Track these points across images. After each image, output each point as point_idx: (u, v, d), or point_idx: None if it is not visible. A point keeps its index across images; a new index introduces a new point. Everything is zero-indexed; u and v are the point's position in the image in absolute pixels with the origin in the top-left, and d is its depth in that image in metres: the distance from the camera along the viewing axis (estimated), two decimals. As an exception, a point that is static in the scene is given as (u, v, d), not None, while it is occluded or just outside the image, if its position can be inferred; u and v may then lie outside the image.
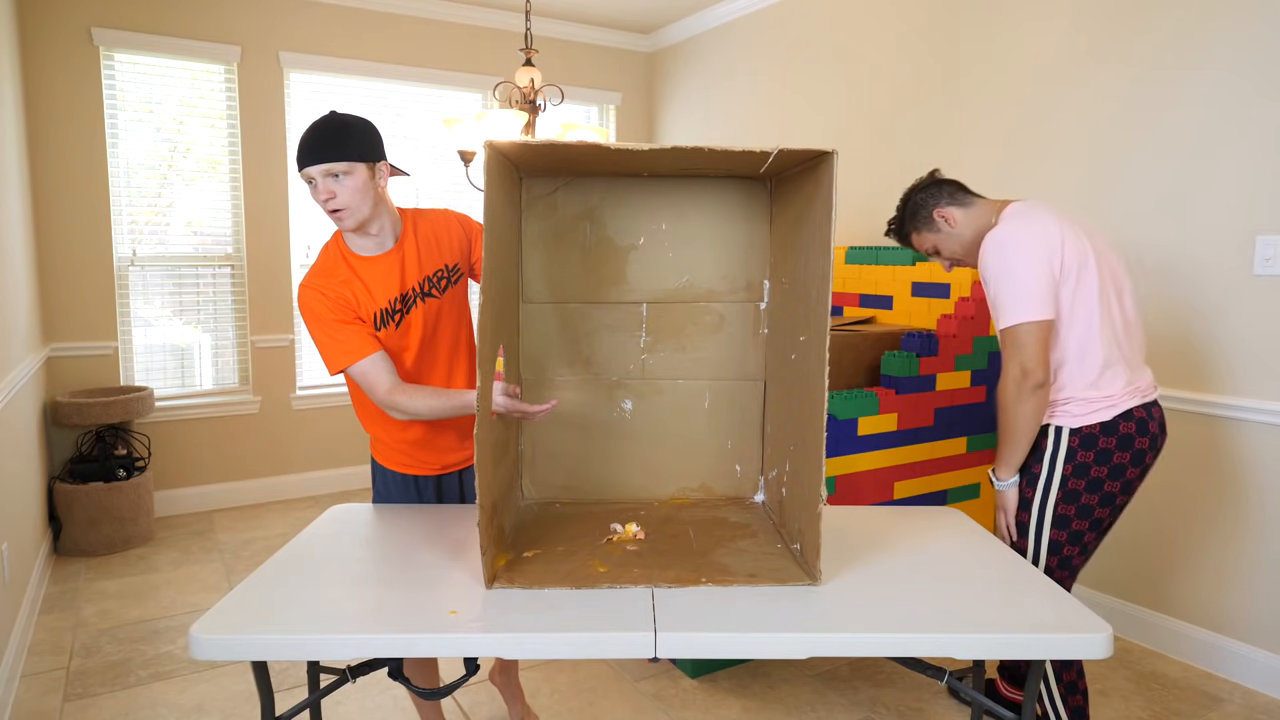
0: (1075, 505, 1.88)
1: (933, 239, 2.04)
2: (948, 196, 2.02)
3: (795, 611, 1.35)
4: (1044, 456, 1.90)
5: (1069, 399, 1.87)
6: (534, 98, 3.49)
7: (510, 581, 1.44)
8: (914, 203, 2.05)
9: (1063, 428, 1.88)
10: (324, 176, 1.66)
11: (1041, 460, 1.90)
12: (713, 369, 1.93)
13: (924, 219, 2.03)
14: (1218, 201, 2.54)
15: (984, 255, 1.87)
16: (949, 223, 1.99)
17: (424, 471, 1.95)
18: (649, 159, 1.60)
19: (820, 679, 2.53)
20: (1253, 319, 2.48)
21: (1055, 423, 1.89)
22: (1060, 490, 1.88)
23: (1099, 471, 1.86)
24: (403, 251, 1.80)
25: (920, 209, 2.03)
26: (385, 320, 1.77)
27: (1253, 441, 2.49)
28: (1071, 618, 1.33)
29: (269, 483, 4.38)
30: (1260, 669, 2.49)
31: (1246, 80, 2.46)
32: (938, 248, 2.05)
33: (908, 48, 3.57)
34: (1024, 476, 1.94)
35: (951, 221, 1.99)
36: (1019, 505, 1.96)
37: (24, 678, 2.54)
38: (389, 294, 1.78)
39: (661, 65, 5.26)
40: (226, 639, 1.27)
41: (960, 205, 2.00)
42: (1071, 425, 1.86)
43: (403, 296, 1.79)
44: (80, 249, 3.84)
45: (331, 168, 1.65)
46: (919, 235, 2.06)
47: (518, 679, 2.26)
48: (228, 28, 4.07)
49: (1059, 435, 1.88)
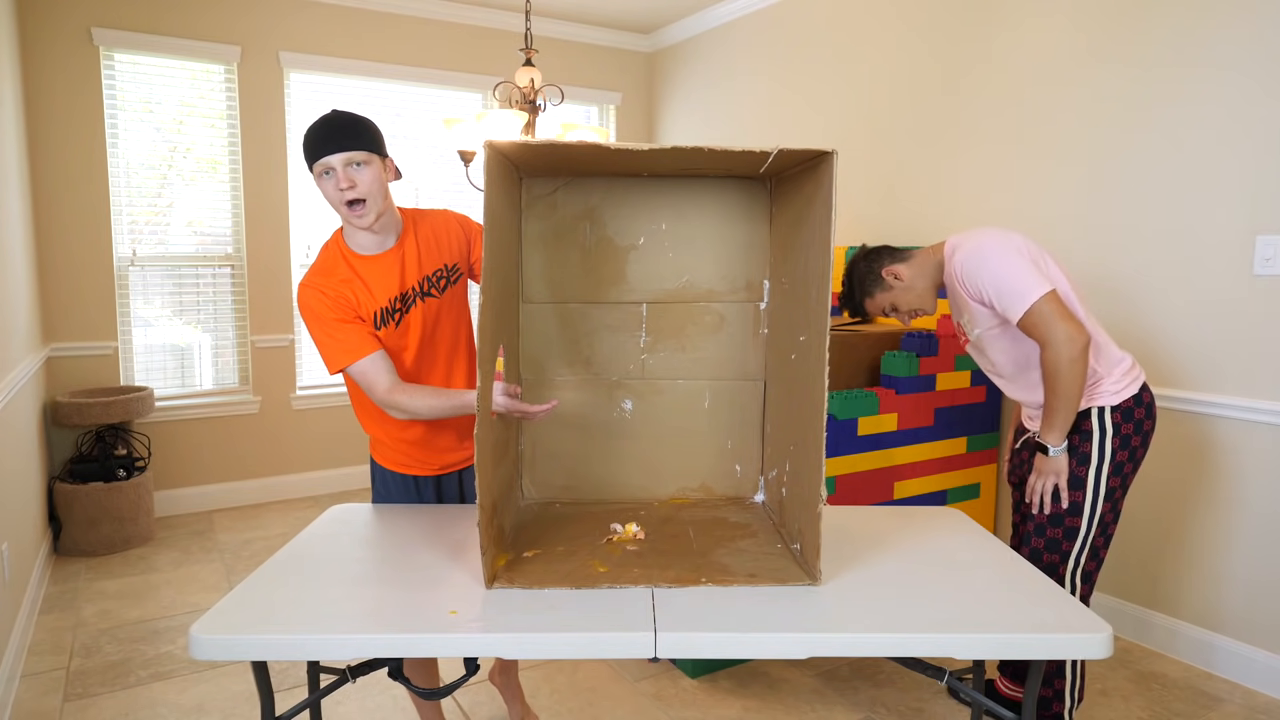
0: (1120, 476, 2.02)
1: (887, 298, 2.15)
2: (889, 256, 2.16)
3: (795, 611, 1.35)
4: (1091, 437, 1.99)
5: (1101, 377, 2.00)
6: (534, 98, 3.49)
7: (510, 581, 1.44)
8: (859, 272, 2.17)
9: (1105, 408, 1.99)
10: (344, 166, 1.65)
11: (1089, 441, 2.00)
12: (713, 369, 1.93)
13: (874, 281, 2.15)
14: (1218, 201, 2.54)
15: (967, 270, 1.98)
16: (898, 278, 2.12)
17: (423, 472, 1.95)
18: (649, 159, 1.60)
19: (820, 679, 2.53)
20: (1253, 319, 2.48)
21: (1096, 404, 1.99)
22: (1111, 464, 2.00)
23: (1135, 440, 2.01)
24: (403, 251, 1.80)
25: (868, 275, 2.16)
26: (385, 319, 1.77)
27: (1253, 442, 2.49)
28: (1071, 618, 1.33)
29: (269, 483, 4.38)
30: (1260, 669, 2.49)
31: (1247, 80, 2.46)
32: (894, 304, 2.16)
33: (908, 48, 3.57)
34: (1074, 457, 2.02)
35: (901, 276, 2.12)
36: (1071, 484, 2.02)
37: (24, 678, 2.54)
38: (389, 293, 1.78)
39: (661, 65, 5.26)
40: (226, 639, 1.27)
41: (901, 261, 2.14)
42: (1112, 404, 1.99)
43: (402, 296, 1.79)
44: (80, 249, 3.84)
45: (352, 156, 1.64)
46: (872, 299, 2.17)
47: (517, 679, 2.26)
48: (228, 28, 4.07)
49: (1102, 415, 1.99)
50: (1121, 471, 2.01)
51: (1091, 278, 2.87)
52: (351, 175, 1.65)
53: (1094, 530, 2.02)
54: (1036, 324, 1.89)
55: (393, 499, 1.96)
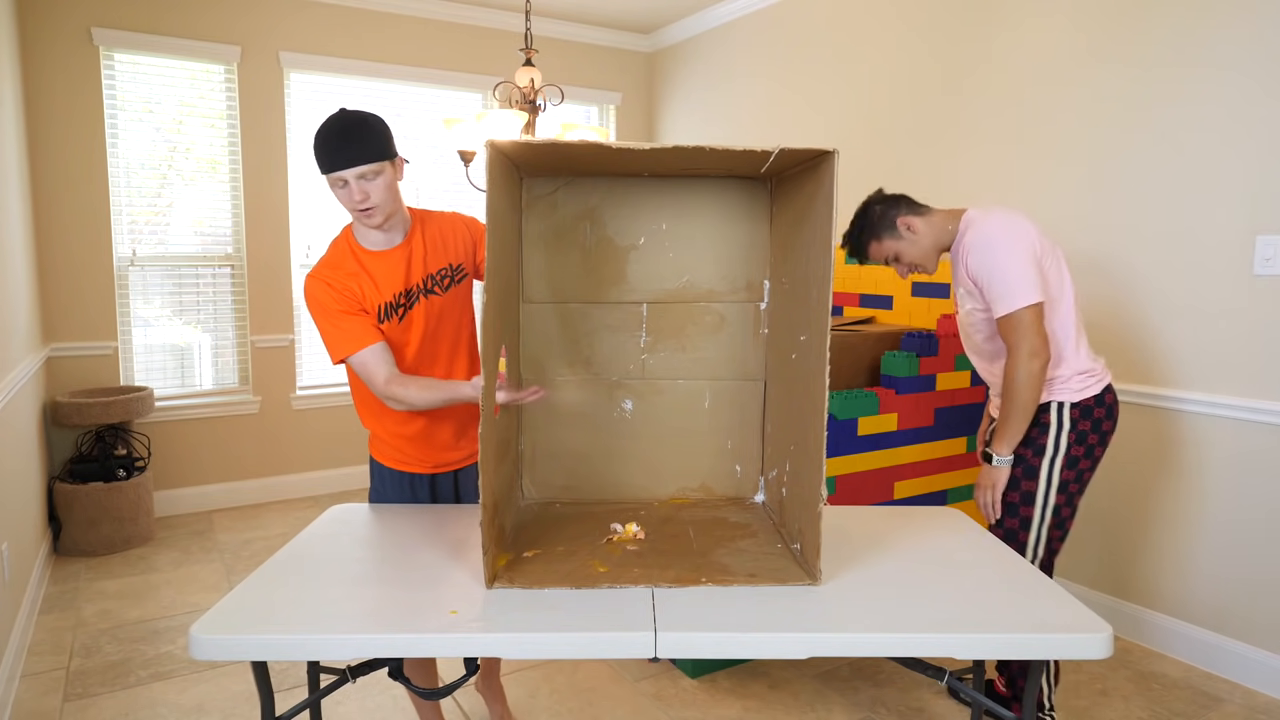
0: (1075, 470, 2.06)
1: (894, 246, 2.15)
2: (906, 206, 2.16)
3: (795, 611, 1.35)
4: (1049, 430, 2.04)
5: (1069, 375, 2.03)
6: (534, 98, 3.49)
7: (510, 581, 1.44)
8: (874, 214, 2.17)
9: (1064, 403, 2.03)
10: (357, 179, 1.68)
11: (1046, 433, 2.04)
12: (713, 369, 1.93)
13: (886, 227, 2.14)
14: (1218, 201, 2.54)
15: (973, 253, 2.00)
16: (912, 230, 2.12)
17: (419, 469, 1.96)
18: (650, 158, 1.60)
19: (820, 679, 2.53)
20: (1253, 319, 2.48)
21: (1056, 399, 2.04)
22: (1065, 457, 2.04)
23: (1093, 439, 2.05)
24: (410, 248, 1.83)
25: (882, 219, 2.15)
26: (389, 314, 1.81)
27: (1253, 442, 2.49)
28: (1071, 618, 1.33)
29: (269, 483, 4.38)
30: (1260, 669, 2.49)
31: (1247, 79, 2.45)
32: (899, 255, 2.15)
33: (908, 48, 3.57)
34: (1030, 448, 2.06)
35: (914, 229, 2.12)
36: (1025, 474, 2.07)
37: (24, 678, 2.54)
38: (394, 288, 1.81)
39: (661, 65, 5.26)
40: (226, 639, 1.27)
41: (919, 215, 2.14)
42: (1072, 400, 2.03)
43: (406, 292, 1.82)
44: (80, 249, 3.84)
45: (365, 170, 1.68)
46: (879, 243, 2.16)
47: (499, 681, 2.27)
48: (228, 28, 4.07)
49: (1061, 410, 2.03)
50: (1076, 466, 2.05)
51: (1091, 278, 2.87)
52: (365, 188, 1.69)
53: (1048, 520, 2.07)
54: (1012, 329, 1.96)
55: (388, 495, 1.97)
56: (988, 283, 1.97)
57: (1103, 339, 2.84)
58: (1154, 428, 2.72)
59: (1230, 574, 2.56)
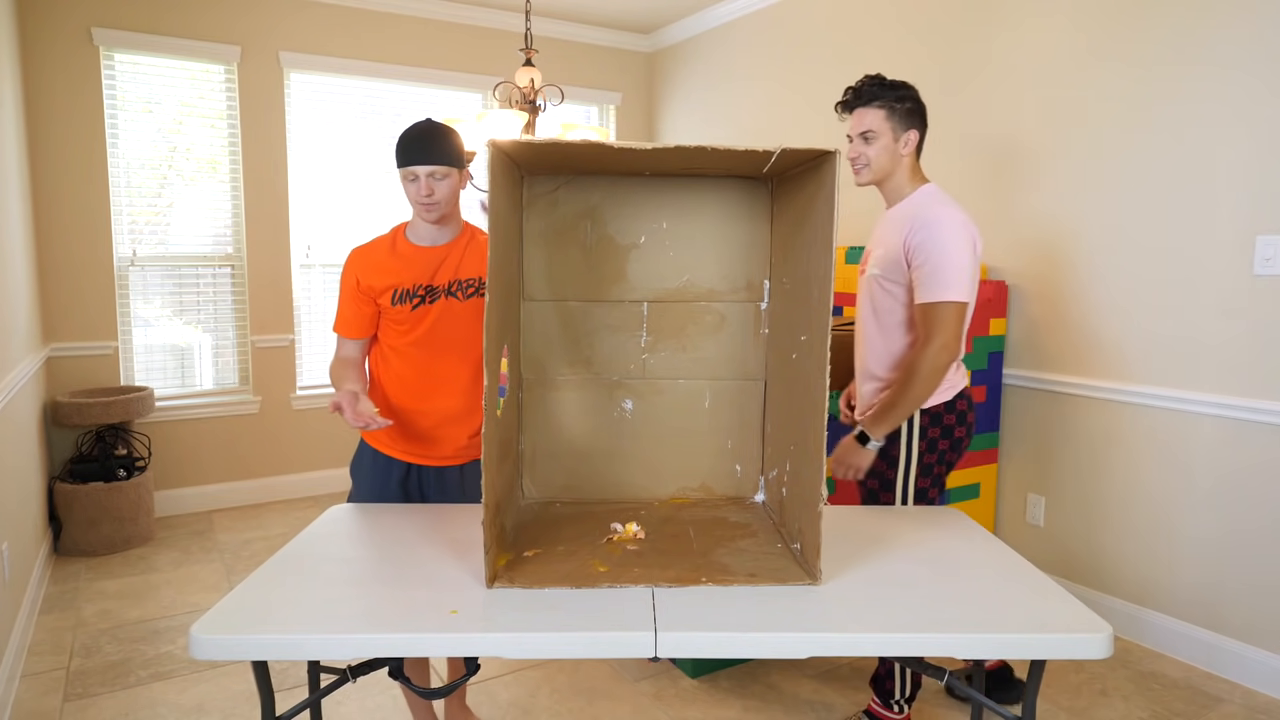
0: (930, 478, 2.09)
1: (881, 133, 1.99)
2: (922, 128, 2.03)
3: (795, 611, 1.35)
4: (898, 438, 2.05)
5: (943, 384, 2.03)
6: (534, 98, 3.49)
7: (511, 581, 1.44)
8: (908, 97, 1.99)
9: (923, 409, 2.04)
10: (428, 176, 1.86)
11: (896, 442, 2.06)
12: (713, 369, 1.93)
13: (900, 116, 1.99)
14: (1218, 201, 2.54)
15: (925, 228, 1.93)
16: (908, 144, 2.02)
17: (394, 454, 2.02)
18: (651, 158, 1.60)
19: (820, 679, 2.53)
20: (1253, 319, 2.48)
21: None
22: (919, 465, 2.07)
23: (944, 444, 2.07)
24: (450, 250, 1.96)
25: (910, 109, 1.99)
26: (403, 298, 1.93)
27: (1253, 442, 2.49)
28: (1071, 618, 1.33)
29: (269, 483, 4.38)
30: (1260, 669, 2.49)
31: (1247, 79, 2.46)
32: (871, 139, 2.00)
33: (908, 48, 3.57)
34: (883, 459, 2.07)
35: (908, 145, 2.01)
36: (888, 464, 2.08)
37: (24, 678, 2.54)
38: (417, 279, 1.93)
39: (661, 65, 5.26)
40: (226, 639, 1.26)
41: (917, 144, 2.04)
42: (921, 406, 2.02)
43: (430, 287, 1.93)
44: (80, 249, 3.84)
45: (437, 170, 1.86)
46: (879, 116, 1.99)
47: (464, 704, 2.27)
48: (228, 28, 4.07)
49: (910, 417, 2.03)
50: (931, 473, 2.07)
51: (1091, 278, 2.87)
52: (433, 185, 1.87)
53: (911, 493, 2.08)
54: (935, 319, 1.92)
55: (363, 472, 2.04)
56: (925, 263, 1.92)
57: (1103, 339, 2.84)
58: (1154, 427, 2.72)
59: (1230, 574, 2.56)
